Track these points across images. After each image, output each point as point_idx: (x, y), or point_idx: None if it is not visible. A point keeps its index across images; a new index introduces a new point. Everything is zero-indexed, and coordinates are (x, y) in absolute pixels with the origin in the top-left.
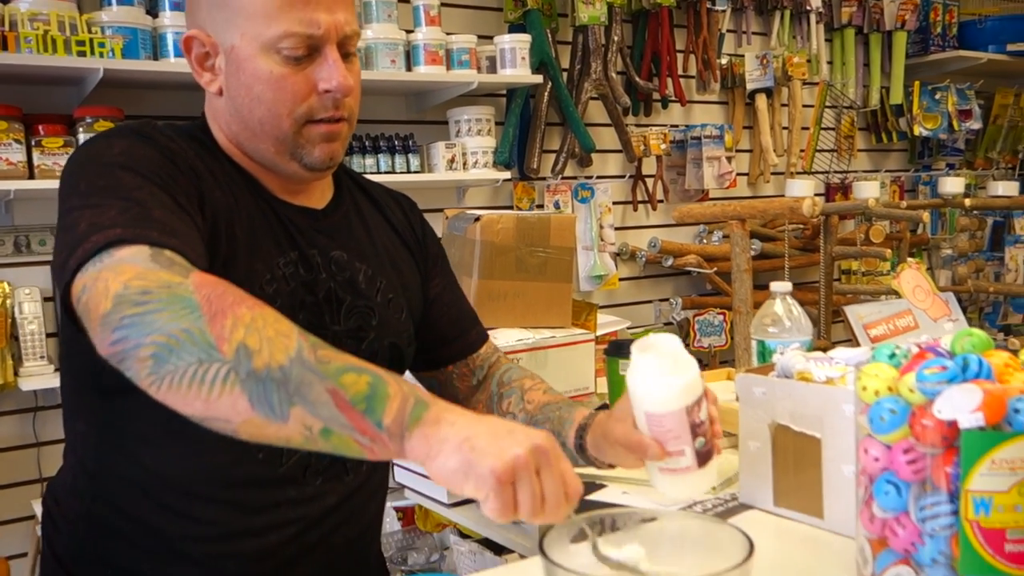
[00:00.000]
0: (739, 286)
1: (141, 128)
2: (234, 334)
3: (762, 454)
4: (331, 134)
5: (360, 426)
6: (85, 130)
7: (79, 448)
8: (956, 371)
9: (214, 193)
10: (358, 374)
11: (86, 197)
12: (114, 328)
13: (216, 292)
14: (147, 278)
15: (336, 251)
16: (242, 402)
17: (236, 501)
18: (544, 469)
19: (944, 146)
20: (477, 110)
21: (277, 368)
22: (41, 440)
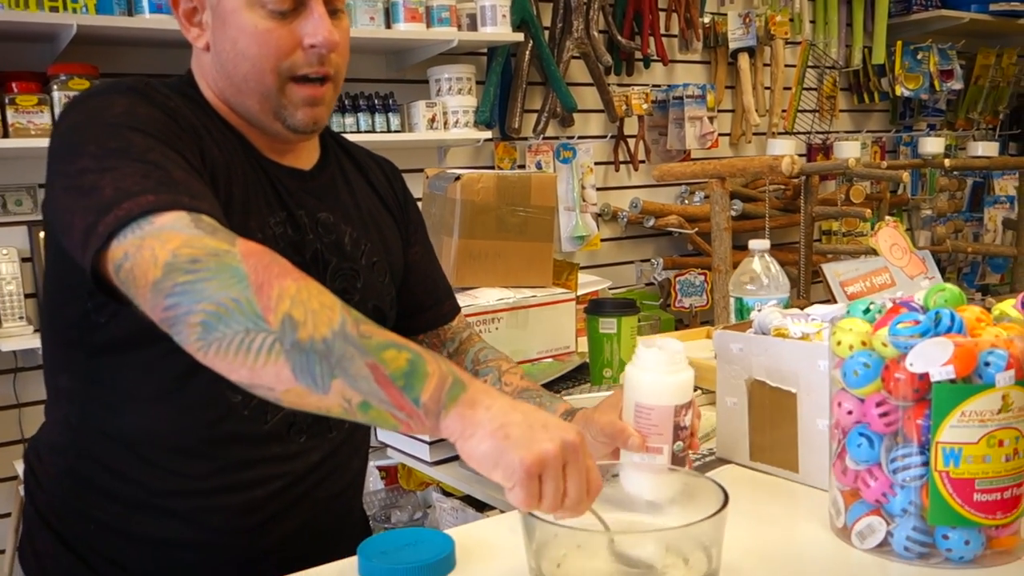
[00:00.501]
0: (719, 244)
1: (137, 85)
2: (280, 305)
3: (739, 410)
4: (314, 98)
5: (398, 402)
6: (59, 88)
7: (62, 404)
8: (928, 325)
9: (212, 151)
10: (398, 350)
11: (99, 159)
12: (166, 295)
13: (263, 262)
14: (194, 246)
15: (323, 213)
16: (285, 372)
17: (221, 457)
18: (571, 466)
19: (925, 107)
20: (457, 69)
21: (320, 340)
22: (22, 401)
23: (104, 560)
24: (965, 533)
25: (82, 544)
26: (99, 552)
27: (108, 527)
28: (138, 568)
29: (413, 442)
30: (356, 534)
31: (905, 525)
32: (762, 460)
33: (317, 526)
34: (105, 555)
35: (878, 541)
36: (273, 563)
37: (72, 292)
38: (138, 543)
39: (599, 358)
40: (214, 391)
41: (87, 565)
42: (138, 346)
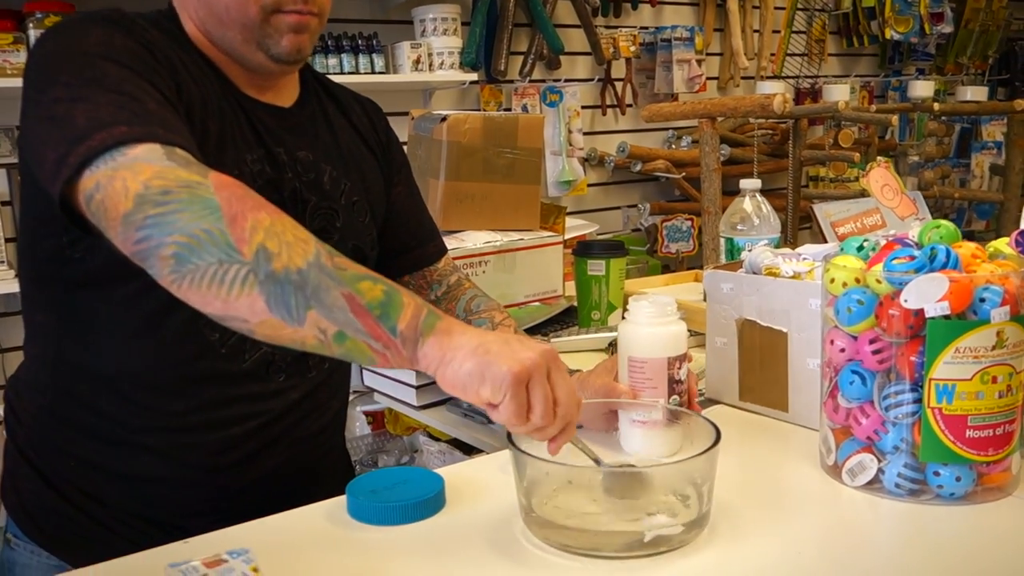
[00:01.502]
0: (708, 186)
1: (113, 16)
2: (254, 236)
3: (728, 350)
4: (299, 24)
5: (374, 332)
6: (35, 26)
7: (39, 341)
8: (924, 261)
9: (189, 86)
10: (374, 282)
11: (73, 89)
12: (137, 227)
13: (236, 194)
14: (166, 177)
15: (302, 151)
16: (260, 303)
17: (198, 395)
18: (555, 372)
19: (915, 51)
20: (443, 9)
21: (295, 271)
22: (5, 346)
23: (83, 495)
24: (956, 470)
25: (61, 480)
26: (78, 487)
27: (86, 463)
28: (116, 503)
29: (399, 386)
30: (338, 473)
31: (896, 462)
32: (751, 400)
33: (296, 465)
34: (84, 490)
35: (869, 478)
36: (252, 500)
37: (47, 226)
38: (116, 479)
39: (587, 300)
40: (191, 329)
41: (67, 500)
42: (113, 281)
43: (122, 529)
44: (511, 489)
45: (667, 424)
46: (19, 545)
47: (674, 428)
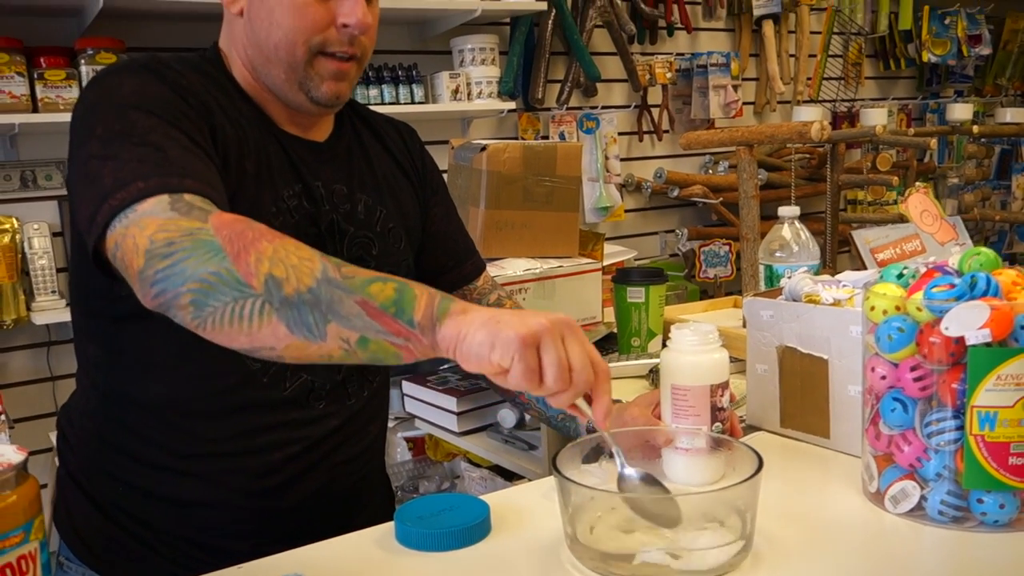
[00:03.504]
0: (746, 212)
1: (149, 63)
2: (260, 268)
3: (769, 376)
4: (340, 72)
5: (393, 328)
6: (87, 62)
7: (91, 371)
8: (964, 289)
9: (224, 127)
10: (383, 283)
11: (104, 145)
12: (151, 283)
13: (235, 231)
14: (168, 229)
15: (338, 184)
16: (281, 329)
17: (241, 422)
18: (569, 337)
19: (953, 73)
20: (481, 39)
21: (306, 291)
22: (56, 374)
23: (131, 519)
24: (1000, 497)
25: (110, 504)
26: (126, 511)
27: (133, 487)
28: (162, 526)
29: (441, 413)
30: (378, 497)
31: (939, 489)
32: (792, 427)
33: (335, 489)
34: (132, 514)
35: (912, 505)
36: (293, 523)
37: (108, 276)
38: (162, 503)
39: (627, 327)
40: (233, 359)
41: (115, 523)
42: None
43: (168, 551)
44: (555, 515)
45: (710, 452)
46: (71, 567)
47: (717, 455)
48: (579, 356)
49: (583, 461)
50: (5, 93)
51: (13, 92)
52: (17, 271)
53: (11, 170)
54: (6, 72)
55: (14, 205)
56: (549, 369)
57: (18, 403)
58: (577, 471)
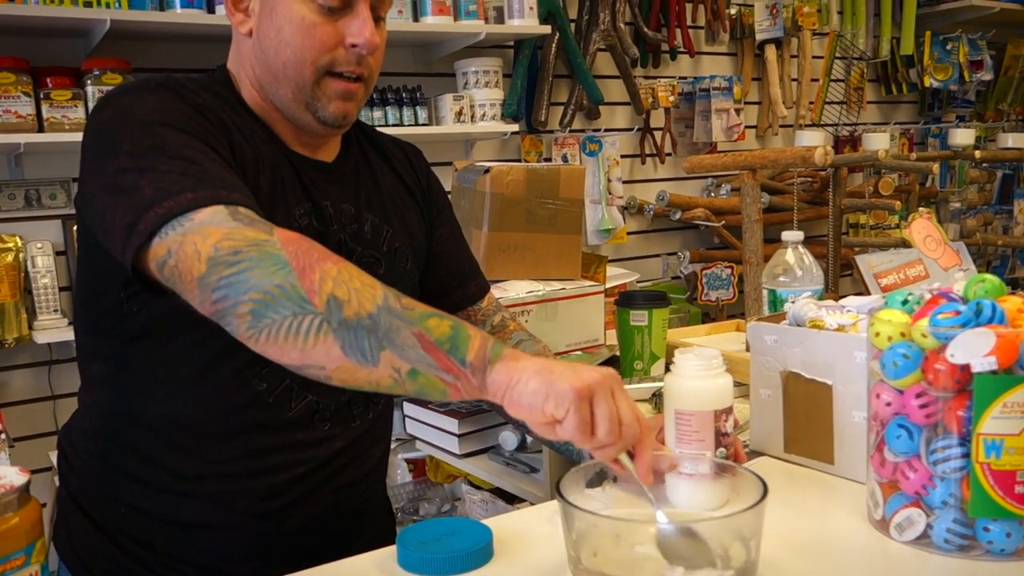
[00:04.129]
0: (750, 237)
1: (165, 82)
2: (323, 287)
3: (773, 402)
4: (347, 92)
5: (445, 364)
6: (93, 82)
7: (95, 390)
8: (969, 316)
9: (241, 145)
10: (440, 319)
11: (136, 159)
12: (213, 288)
13: (302, 248)
14: (234, 238)
15: (345, 204)
16: (335, 349)
17: (246, 442)
18: (619, 392)
19: (954, 98)
20: (485, 62)
21: (366, 316)
22: (56, 393)
23: (133, 541)
24: (1007, 525)
25: (112, 526)
26: (128, 533)
27: (136, 509)
28: (165, 549)
29: (442, 434)
30: (379, 519)
31: (945, 517)
32: (796, 452)
33: (338, 511)
34: (134, 536)
35: (917, 533)
36: (295, 545)
37: (106, 282)
38: (165, 524)
39: (630, 350)
40: (240, 379)
41: (117, 545)
42: (167, 335)
43: (169, 574)
44: (559, 540)
45: (714, 477)
46: None
47: (721, 481)
48: (628, 411)
49: (587, 486)
50: (11, 113)
51: (19, 112)
52: (20, 290)
53: (15, 189)
54: (12, 92)
55: (18, 224)
56: (602, 423)
57: (18, 422)
58: (581, 496)
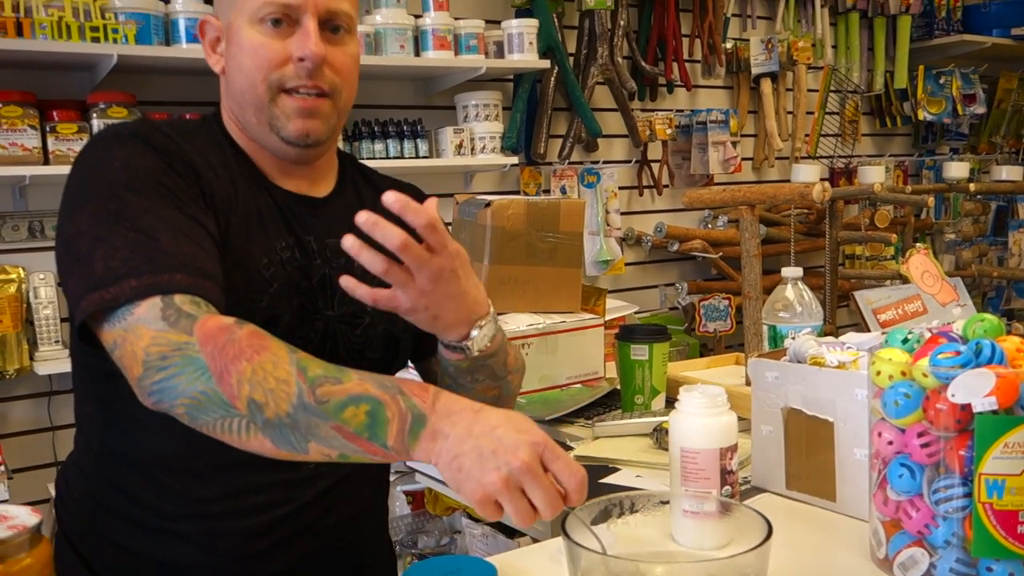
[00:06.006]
0: (749, 271)
1: (139, 130)
2: (241, 391)
3: (774, 438)
4: (305, 109)
5: (370, 449)
6: (99, 115)
7: (87, 430)
8: (969, 356)
9: (212, 186)
10: (356, 406)
11: (96, 224)
12: (149, 393)
13: (218, 346)
14: (160, 342)
15: (332, 239)
16: (267, 444)
17: (228, 481)
18: (530, 484)
19: (948, 131)
20: (485, 95)
21: (285, 415)
22: (56, 424)
23: None
24: (1009, 565)
25: (101, 565)
26: (116, 573)
27: (124, 549)
28: None
29: None
30: (378, 558)
31: (948, 557)
32: (798, 489)
33: (329, 551)
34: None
35: (921, 573)
36: None
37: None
38: (151, 565)
39: (630, 384)
40: None
41: None
42: None
43: None
44: None
45: (719, 516)
46: None
47: (725, 520)
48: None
49: (592, 523)
50: (17, 146)
51: (25, 144)
52: (21, 320)
53: (19, 220)
54: (19, 125)
55: (21, 255)
56: (513, 518)
57: (17, 453)
58: (585, 534)
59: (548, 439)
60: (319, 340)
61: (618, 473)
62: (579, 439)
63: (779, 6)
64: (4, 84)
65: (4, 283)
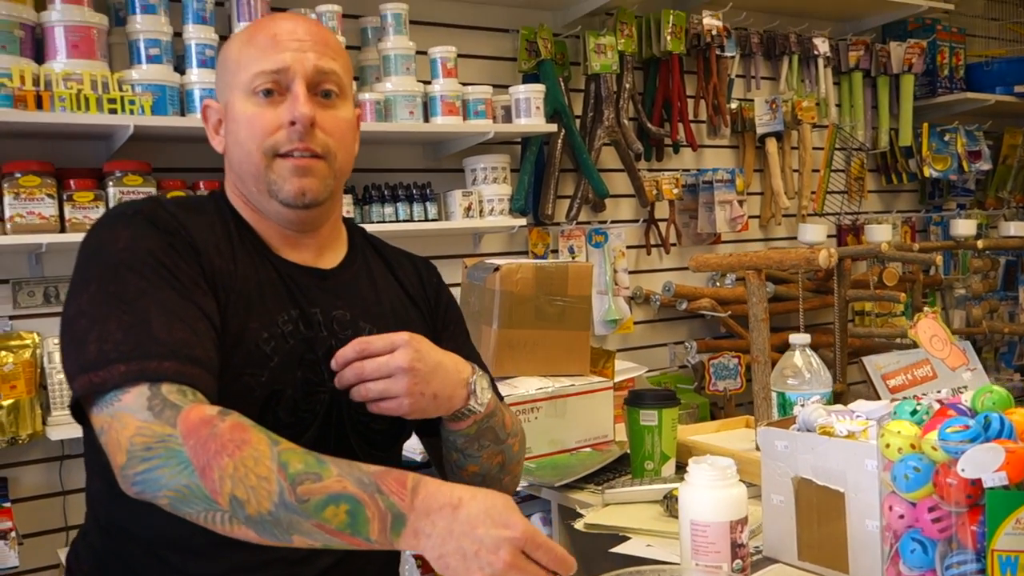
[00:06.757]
0: (756, 335)
1: (144, 208)
2: (223, 487)
3: (785, 507)
4: (300, 168)
5: (354, 542)
6: (115, 184)
7: (95, 504)
8: (978, 430)
9: (213, 263)
10: (336, 505)
11: (96, 304)
12: (132, 482)
13: (200, 440)
14: (145, 433)
15: (339, 310)
16: (252, 534)
17: (231, 559)
18: (537, 552)
19: (954, 187)
20: (493, 158)
21: (267, 513)
22: (67, 489)
23: None
24: None
25: None
26: None
27: None
28: None
29: None
30: None
31: None
32: (811, 560)
33: None
34: None
35: None
36: None
37: None
38: None
39: (640, 450)
40: None
41: None
42: None
43: None
44: None
45: None
46: None
47: None
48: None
49: None
50: (35, 214)
51: (43, 213)
52: (36, 386)
53: (35, 286)
54: (37, 194)
55: (36, 320)
56: None
57: (28, 518)
58: None
59: (528, 529)
60: (324, 412)
61: (629, 542)
62: (589, 505)
63: (782, 67)
64: (24, 154)
65: (19, 348)
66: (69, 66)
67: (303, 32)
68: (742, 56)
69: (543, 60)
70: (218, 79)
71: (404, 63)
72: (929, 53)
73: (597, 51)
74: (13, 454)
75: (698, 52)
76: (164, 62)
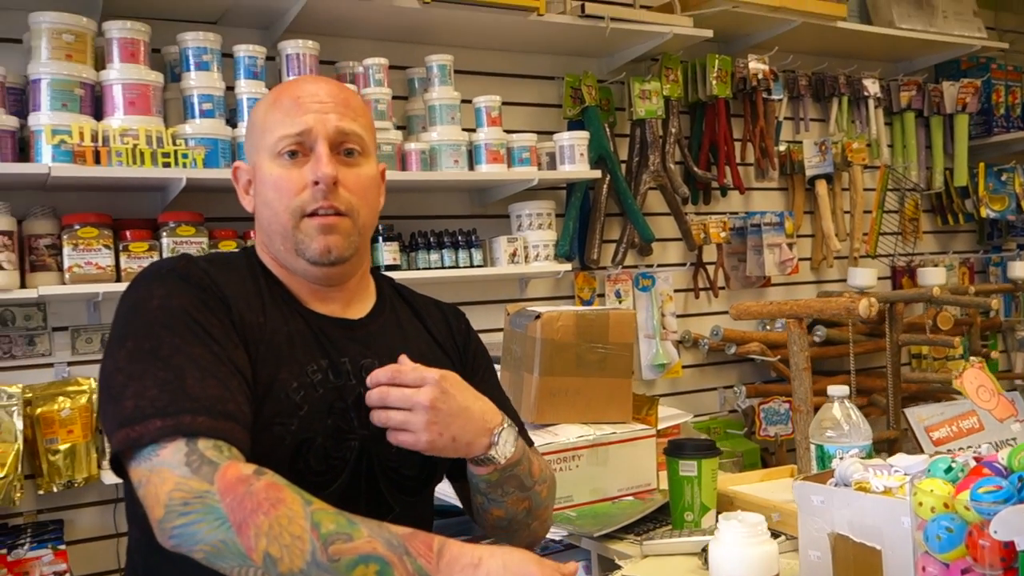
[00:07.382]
0: (798, 385)
1: (177, 266)
2: (258, 544)
3: (822, 564)
4: (325, 226)
5: None
6: (168, 234)
7: (133, 555)
8: (1011, 491)
9: (243, 316)
10: (366, 565)
11: (132, 361)
12: (169, 536)
13: (237, 498)
14: (183, 489)
15: (367, 359)
16: None
17: None
18: None
19: (1014, 227)
20: (538, 204)
21: (299, 571)
22: (121, 531)
23: None
24: None
25: None
26: None
27: None
28: None
29: None
30: None
31: None
32: None
33: None
34: None
35: None
36: None
37: None
38: None
39: (680, 501)
40: None
41: None
42: None
43: None
44: None
45: None
46: None
47: None
48: None
49: None
50: (92, 264)
51: (99, 264)
52: (92, 430)
53: (92, 333)
54: (94, 245)
55: (93, 367)
56: None
57: (83, 561)
58: None
59: None
60: (355, 459)
61: None
62: (628, 557)
63: (832, 109)
64: (83, 206)
65: (76, 394)
66: (126, 122)
67: (325, 94)
68: (790, 98)
69: (587, 106)
70: (247, 142)
71: (449, 112)
72: (984, 92)
73: (642, 96)
74: (69, 497)
75: (744, 95)
76: (216, 116)
